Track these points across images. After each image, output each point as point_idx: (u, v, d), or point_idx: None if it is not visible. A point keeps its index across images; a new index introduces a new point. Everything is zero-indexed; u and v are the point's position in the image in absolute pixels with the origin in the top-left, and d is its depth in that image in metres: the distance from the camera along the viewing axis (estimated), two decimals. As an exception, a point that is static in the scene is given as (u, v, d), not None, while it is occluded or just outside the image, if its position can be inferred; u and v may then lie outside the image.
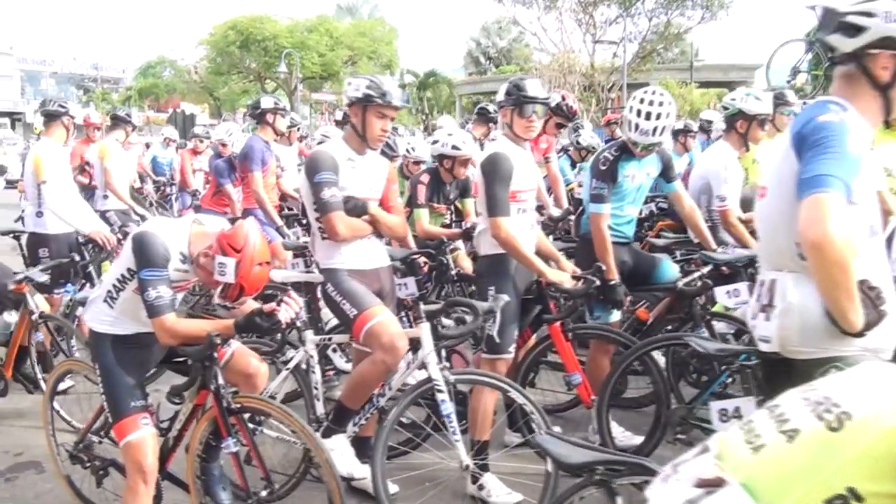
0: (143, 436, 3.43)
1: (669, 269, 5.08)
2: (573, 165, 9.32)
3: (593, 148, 9.02)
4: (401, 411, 3.92)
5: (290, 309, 3.33)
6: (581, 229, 5.06)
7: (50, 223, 6.16)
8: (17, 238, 7.10)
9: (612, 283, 4.56)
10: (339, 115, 11.17)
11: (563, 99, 7.07)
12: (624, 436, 4.75)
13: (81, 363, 4.22)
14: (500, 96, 4.35)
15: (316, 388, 4.30)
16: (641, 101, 4.64)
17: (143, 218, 7.83)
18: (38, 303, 5.47)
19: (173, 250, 3.33)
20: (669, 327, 5.23)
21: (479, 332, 4.22)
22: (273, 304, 3.29)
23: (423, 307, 3.96)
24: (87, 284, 6.25)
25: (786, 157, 2.59)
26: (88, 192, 8.38)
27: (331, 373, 5.20)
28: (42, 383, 5.53)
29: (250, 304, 3.58)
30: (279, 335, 3.41)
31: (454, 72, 63.95)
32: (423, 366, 3.91)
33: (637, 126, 4.61)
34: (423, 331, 3.91)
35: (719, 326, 5.05)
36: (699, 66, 41.29)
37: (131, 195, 8.57)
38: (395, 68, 47.28)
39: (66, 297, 6.38)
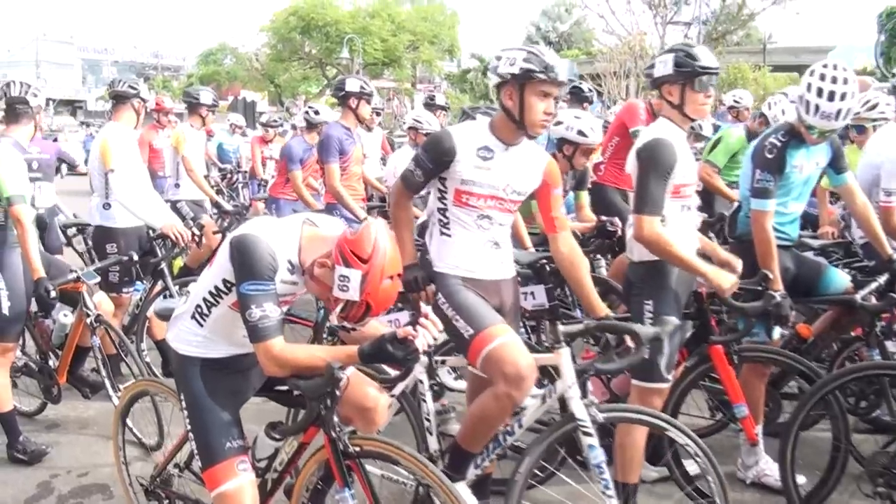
0: (241, 485, 2.80)
1: (838, 277, 4.30)
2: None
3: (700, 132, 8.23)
4: (536, 459, 3.21)
5: (429, 333, 2.64)
6: (737, 229, 4.29)
7: (119, 216, 5.59)
8: (81, 231, 6.58)
9: (778, 294, 3.82)
10: (441, 100, 10.36)
11: None
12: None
13: (160, 385, 3.60)
14: (666, 69, 3.58)
15: (428, 420, 3.61)
16: (822, 77, 3.83)
17: (219, 208, 7.22)
18: (99, 303, 4.93)
19: (281, 258, 2.67)
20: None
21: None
22: (408, 329, 2.60)
23: (562, 328, 3.22)
24: (159, 283, 5.66)
25: None
26: (157, 180, 7.85)
27: (444, 402, 4.50)
28: (109, 388, 5.00)
29: (374, 325, 2.91)
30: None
31: (513, 57, 62.59)
32: (562, 400, 3.21)
33: (817, 108, 3.82)
34: (564, 358, 3.19)
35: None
36: (769, 50, 39.76)
37: None
38: (457, 53, 46.57)
39: (135, 297, 5.83)
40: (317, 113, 8.06)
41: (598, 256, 5.89)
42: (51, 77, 58.20)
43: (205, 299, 2.85)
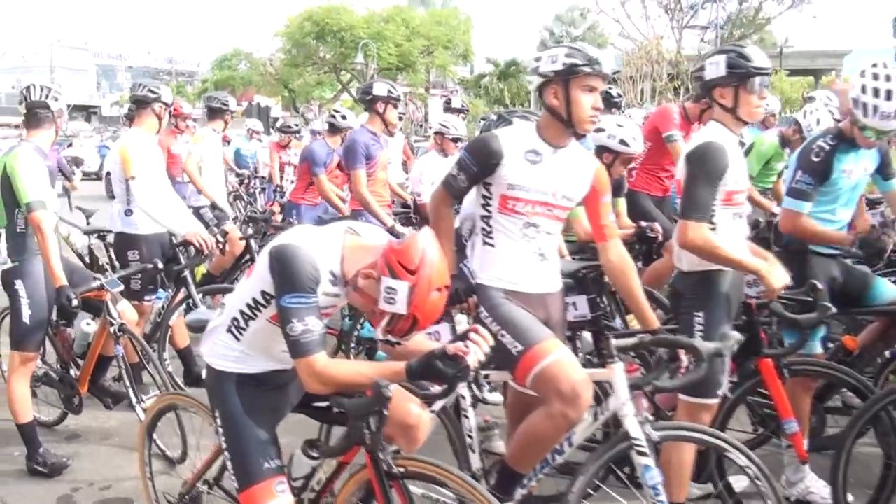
0: None
1: (885, 288, 4.15)
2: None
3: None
4: (589, 479, 3.04)
5: (480, 349, 2.50)
6: (784, 238, 4.14)
7: (140, 223, 5.47)
8: (102, 238, 6.46)
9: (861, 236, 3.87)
10: (457, 103, 10.23)
11: None
12: (826, 490, 3.85)
13: (188, 399, 3.46)
14: (718, 71, 3.42)
15: (470, 437, 3.45)
16: (875, 76, 3.69)
17: (217, 213, 7.02)
18: (122, 311, 4.78)
19: (322, 269, 2.54)
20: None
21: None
22: (458, 344, 2.46)
23: (615, 342, 3.07)
24: (182, 291, 5.54)
25: None
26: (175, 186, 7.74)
27: (487, 418, 4.33)
28: (133, 398, 4.84)
29: (420, 340, 2.77)
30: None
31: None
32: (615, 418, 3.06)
33: (876, 109, 3.67)
34: (617, 373, 3.03)
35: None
36: (784, 54, 39.53)
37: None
38: (471, 58, 46.27)
39: (157, 305, 5.71)
40: (343, 118, 7.96)
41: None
42: (65, 83, 58.21)
43: (242, 312, 2.71)
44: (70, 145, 26.57)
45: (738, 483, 3.73)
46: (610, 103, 7.82)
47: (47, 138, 4.70)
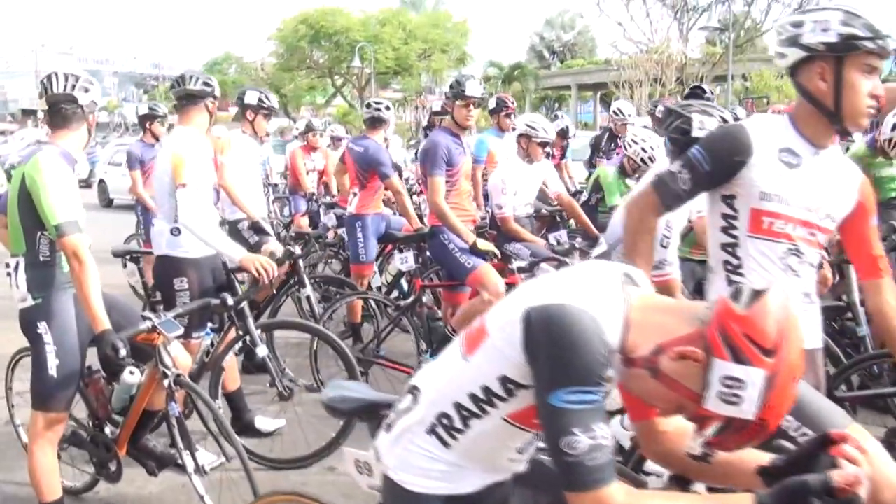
0: None
1: None
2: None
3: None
4: None
5: (865, 471, 1.52)
6: None
7: (189, 244, 4.49)
8: (135, 261, 5.43)
9: None
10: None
11: None
12: None
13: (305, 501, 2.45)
14: None
15: None
16: None
17: (257, 229, 6.01)
18: (175, 356, 3.76)
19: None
20: None
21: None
22: (847, 473, 1.47)
23: None
24: (236, 328, 4.57)
25: None
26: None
27: None
28: (188, 465, 3.80)
29: (752, 454, 1.81)
30: None
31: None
32: None
33: None
34: None
35: None
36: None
37: None
38: (468, 62, 45.86)
39: (205, 342, 4.72)
40: (388, 108, 7.04)
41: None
42: (50, 88, 57.30)
43: (459, 406, 1.73)
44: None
45: None
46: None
47: (77, 141, 3.68)
